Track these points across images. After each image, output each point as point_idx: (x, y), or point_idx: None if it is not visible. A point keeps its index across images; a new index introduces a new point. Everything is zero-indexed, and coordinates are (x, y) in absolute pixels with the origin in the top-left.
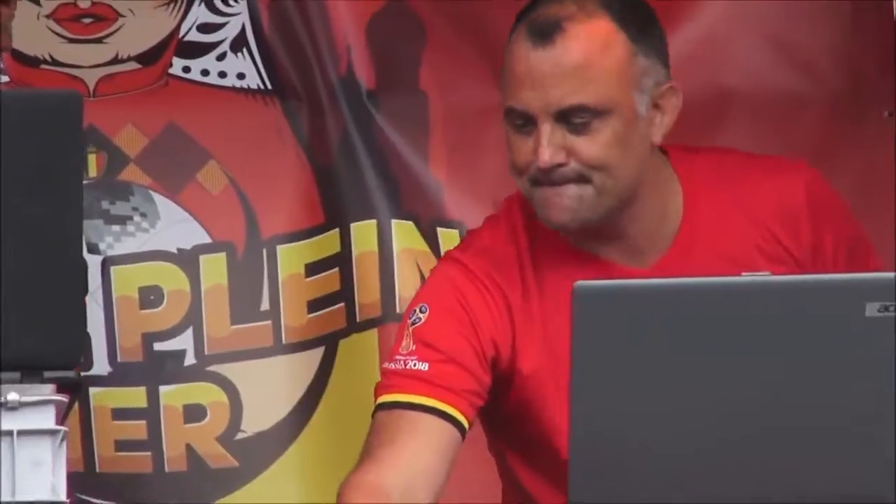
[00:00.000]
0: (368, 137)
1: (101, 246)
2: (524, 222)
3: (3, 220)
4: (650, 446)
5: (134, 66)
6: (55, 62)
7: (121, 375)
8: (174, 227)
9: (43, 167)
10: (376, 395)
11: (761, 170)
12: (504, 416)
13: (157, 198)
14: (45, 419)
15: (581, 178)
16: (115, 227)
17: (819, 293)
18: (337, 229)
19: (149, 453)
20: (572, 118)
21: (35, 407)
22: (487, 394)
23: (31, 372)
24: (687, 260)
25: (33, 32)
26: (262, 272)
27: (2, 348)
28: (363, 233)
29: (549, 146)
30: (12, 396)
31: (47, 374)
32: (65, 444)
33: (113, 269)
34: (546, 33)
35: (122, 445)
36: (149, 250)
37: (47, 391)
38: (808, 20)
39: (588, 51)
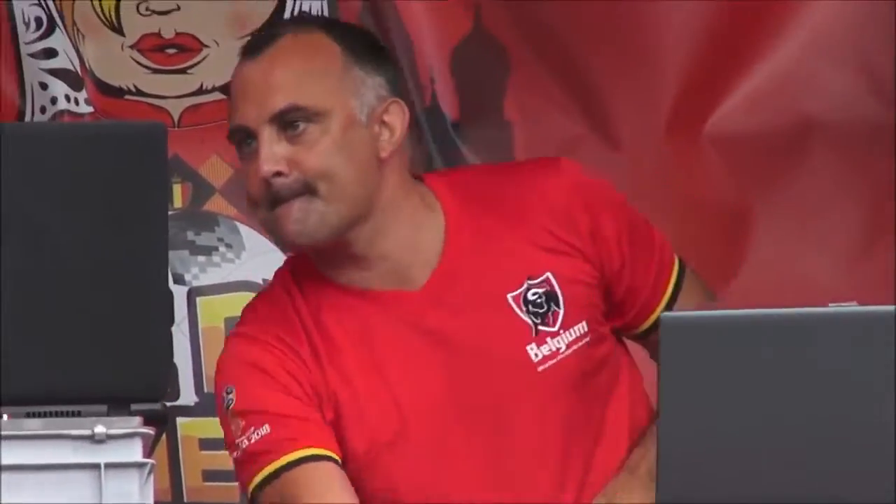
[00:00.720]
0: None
1: (187, 277)
2: (293, 277)
3: (90, 251)
4: (736, 475)
5: (218, 96)
6: (139, 92)
7: (208, 406)
8: (259, 257)
9: (128, 198)
10: (244, 486)
11: (521, 176)
12: None
13: (243, 228)
14: (133, 452)
15: (307, 189)
16: (201, 258)
17: None
18: None
19: (236, 483)
20: (289, 125)
21: (122, 440)
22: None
23: (118, 404)
24: (458, 275)
25: (117, 63)
26: None
27: (89, 381)
28: None
29: (268, 154)
30: (99, 429)
31: (134, 406)
32: (152, 476)
33: (199, 299)
34: (257, 46)
35: (209, 475)
36: (234, 281)
37: (134, 424)
38: (894, 48)
39: (298, 55)
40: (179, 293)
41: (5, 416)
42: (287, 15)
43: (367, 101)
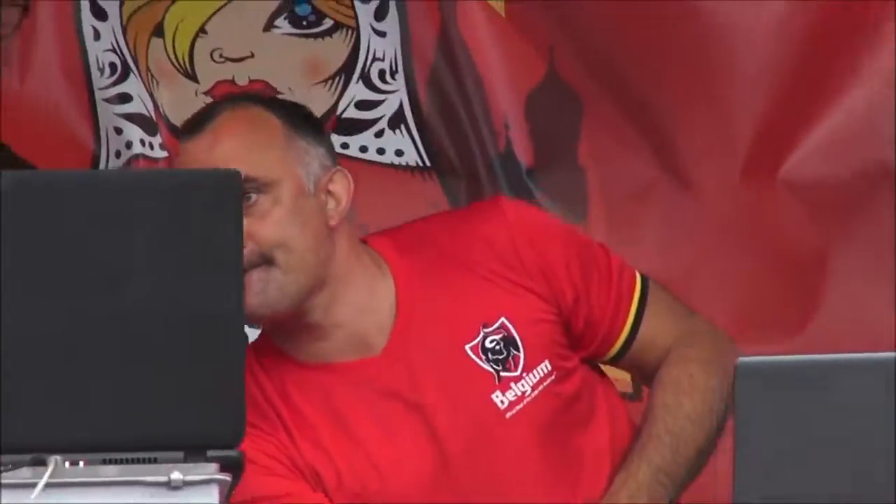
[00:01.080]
0: None
1: None
2: (256, 359)
3: (165, 298)
4: None
5: None
6: None
7: None
8: None
9: (202, 244)
10: None
11: (463, 224)
12: None
13: None
14: (209, 498)
15: (264, 260)
16: None
17: None
18: None
19: None
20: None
21: (198, 486)
22: None
23: (194, 451)
24: (414, 335)
25: (191, 109)
26: None
27: (165, 427)
28: None
29: None
30: (176, 476)
31: (210, 452)
32: None
33: None
34: (196, 125)
35: None
36: None
37: (211, 470)
38: None
39: (241, 128)
40: (254, 337)
41: (81, 463)
42: (361, 61)
43: (312, 170)
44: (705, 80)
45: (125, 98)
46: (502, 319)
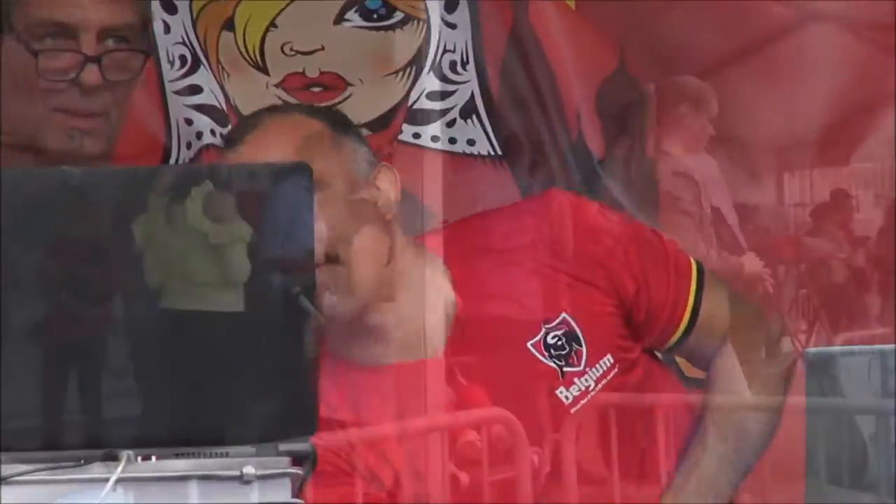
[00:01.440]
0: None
1: None
2: None
3: (236, 289)
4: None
5: (364, 132)
6: None
7: None
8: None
9: (274, 236)
10: None
11: (517, 219)
12: None
13: None
14: (282, 493)
15: (327, 259)
16: None
17: None
18: None
19: None
20: None
21: (271, 480)
22: None
23: (266, 444)
24: (475, 333)
25: (263, 101)
26: None
27: (237, 421)
28: None
29: None
30: (248, 470)
31: (282, 446)
32: None
33: None
34: (237, 137)
35: None
36: None
37: (283, 464)
38: None
39: (286, 131)
40: None
41: (154, 458)
42: (432, 52)
43: (361, 168)
44: (774, 74)
45: (195, 90)
46: (563, 315)
